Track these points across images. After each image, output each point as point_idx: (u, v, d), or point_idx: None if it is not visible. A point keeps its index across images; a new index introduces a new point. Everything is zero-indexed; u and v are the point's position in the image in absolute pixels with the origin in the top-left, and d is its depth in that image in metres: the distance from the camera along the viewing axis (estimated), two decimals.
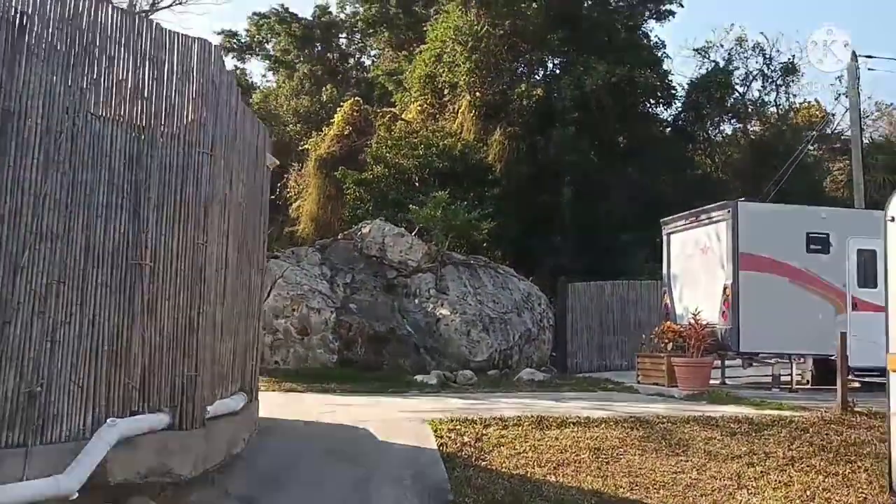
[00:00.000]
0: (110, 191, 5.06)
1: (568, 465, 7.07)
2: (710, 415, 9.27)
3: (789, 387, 13.02)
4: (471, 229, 17.87)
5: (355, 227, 18.55)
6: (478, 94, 23.45)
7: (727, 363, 14.37)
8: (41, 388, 4.65)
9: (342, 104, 26.41)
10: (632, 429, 8.35)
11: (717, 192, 20.95)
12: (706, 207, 14.22)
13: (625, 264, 21.19)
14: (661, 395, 12.35)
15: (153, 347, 5.31)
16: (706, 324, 12.78)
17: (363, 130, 24.43)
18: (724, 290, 13.10)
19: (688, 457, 7.39)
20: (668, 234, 15.34)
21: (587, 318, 18.65)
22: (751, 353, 13.44)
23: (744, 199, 14.34)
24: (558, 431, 8.19)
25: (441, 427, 8.17)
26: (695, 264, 14.35)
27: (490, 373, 15.32)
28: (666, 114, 27.94)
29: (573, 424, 8.49)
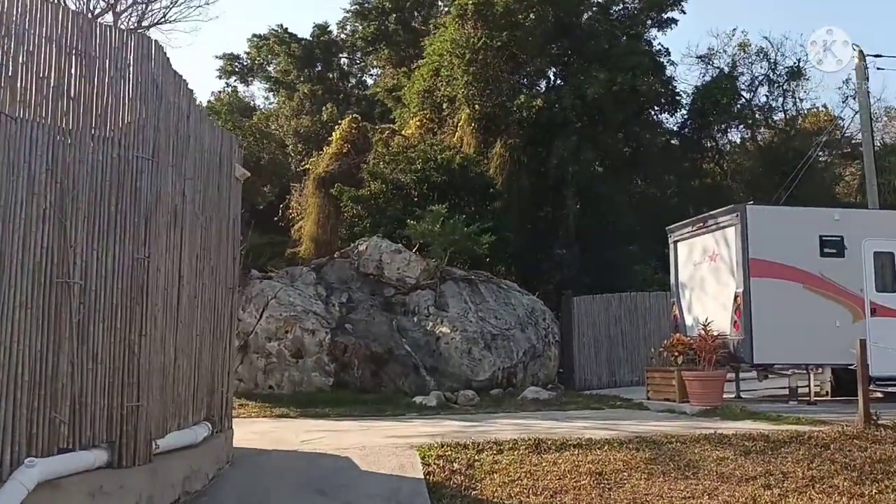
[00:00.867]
0: (30, 200, 4.49)
1: (566, 492, 6.54)
2: (722, 432, 8.68)
3: (808, 399, 12.38)
4: (471, 243, 17.25)
5: (352, 245, 18.02)
6: (477, 106, 22.95)
7: (742, 376, 13.78)
8: None
9: (341, 122, 26.00)
10: (637, 450, 7.81)
11: (726, 201, 20.20)
12: (713, 212, 13.61)
13: (633, 277, 20.71)
14: (672, 411, 11.78)
15: (85, 376, 4.72)
16: (717, 335, 12.19)
17: (362, 148, 23.95)
18: (735, 298, 12.46)
19: (698, 480, 6.83)
20: (675, 242, 14.72)
21: (595, 332, 17.86)
22: (766, 365, 12.69)
23: (752, 203, 13.70)
24: (557, 455, 7.68)
25: (430, 453, 7.64)
26: (703, 273, 13.71)
27: (493, 392, 14.70)
28: (671, 122, 27.47)
29: (574, 447, 7.99)
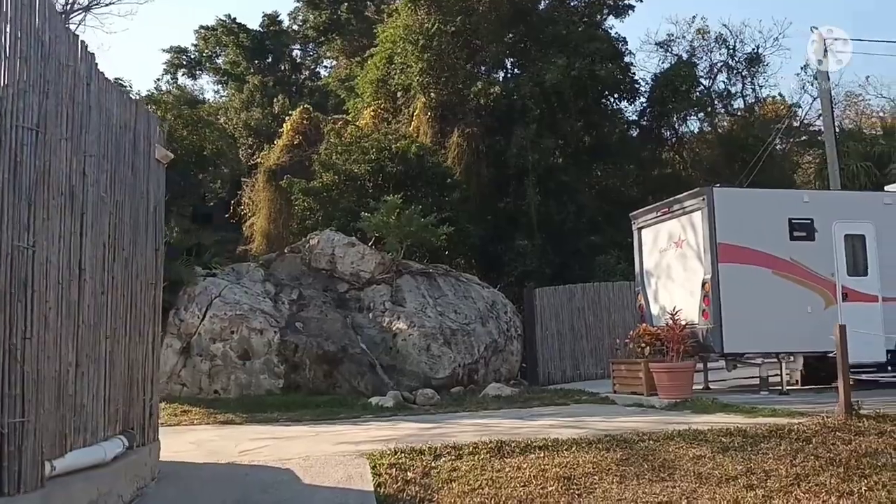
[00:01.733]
0: None
1: (532, 500, 5.93)
2: (696, 427, 8.14)
3: (780, 389, 11.94)
4: (427, 235, 16.50)
5: (304, 239, 17.15)
6: (433, 94, 22.20)
7: (710, 366, 13.30)
8: None
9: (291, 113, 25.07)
10: (608, 450, 7.20)
11: (687, 190, 19.95)
12: (678, 197, 13.11)
13: (596, 267, 20.22)
14: (641, 405, 11.25)
15: None
16: (686, 324, 11.68)
17: (314, 139, 23.03)
18: (704, 285, 11.96)
19: (675, 481, 6.24)
20: (639, 229, 14.20)
21: (558, 324, 17.29)
22: (736, 354, 12.21)
23: (719, 185, 13.22)
24: (521, 458, 7.04)
25: (381, 461, 6.93)
26: (670, 259, 13.20)
27: (454, 390, 14.03)
28: (631, 110, 27.00)
29: (539, 449, 7.37)
